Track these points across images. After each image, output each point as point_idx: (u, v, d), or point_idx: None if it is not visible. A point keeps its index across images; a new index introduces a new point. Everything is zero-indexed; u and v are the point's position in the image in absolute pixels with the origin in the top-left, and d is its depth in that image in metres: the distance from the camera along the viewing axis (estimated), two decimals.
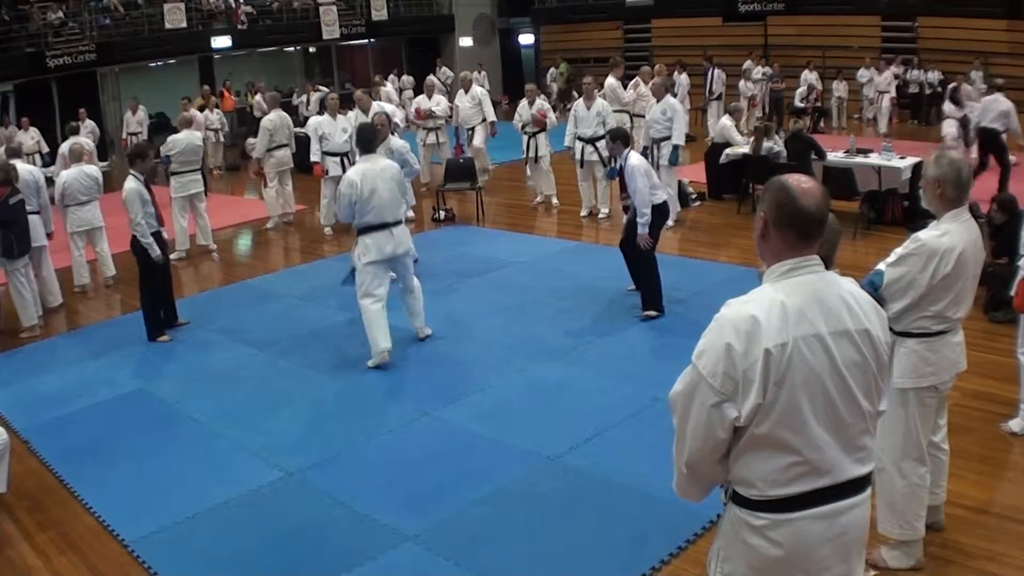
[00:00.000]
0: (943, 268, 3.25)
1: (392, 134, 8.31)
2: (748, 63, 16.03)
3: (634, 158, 6.80)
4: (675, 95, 11.17)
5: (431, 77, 12.86)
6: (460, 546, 3.97)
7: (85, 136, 14.11)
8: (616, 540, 3.94)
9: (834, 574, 2.14)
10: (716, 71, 15.54)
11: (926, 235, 3.32)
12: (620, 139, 6.94)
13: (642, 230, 6.65)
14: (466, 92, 11.92)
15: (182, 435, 5.29)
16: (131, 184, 6.69)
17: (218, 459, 4.95)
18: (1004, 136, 10.30)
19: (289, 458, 4.87)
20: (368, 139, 6.25)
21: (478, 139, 11.91)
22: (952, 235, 3.28)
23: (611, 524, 4.07)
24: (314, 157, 9.87)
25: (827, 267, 3.01)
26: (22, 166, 7.83)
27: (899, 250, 3.37)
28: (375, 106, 10.46)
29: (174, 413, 5.61)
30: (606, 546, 3.90)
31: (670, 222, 9.44)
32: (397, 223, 6.05)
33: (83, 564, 4.08)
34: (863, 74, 15.60)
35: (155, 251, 6.76)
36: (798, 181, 2.13)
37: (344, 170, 9.80)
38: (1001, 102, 10.14)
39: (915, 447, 3.47)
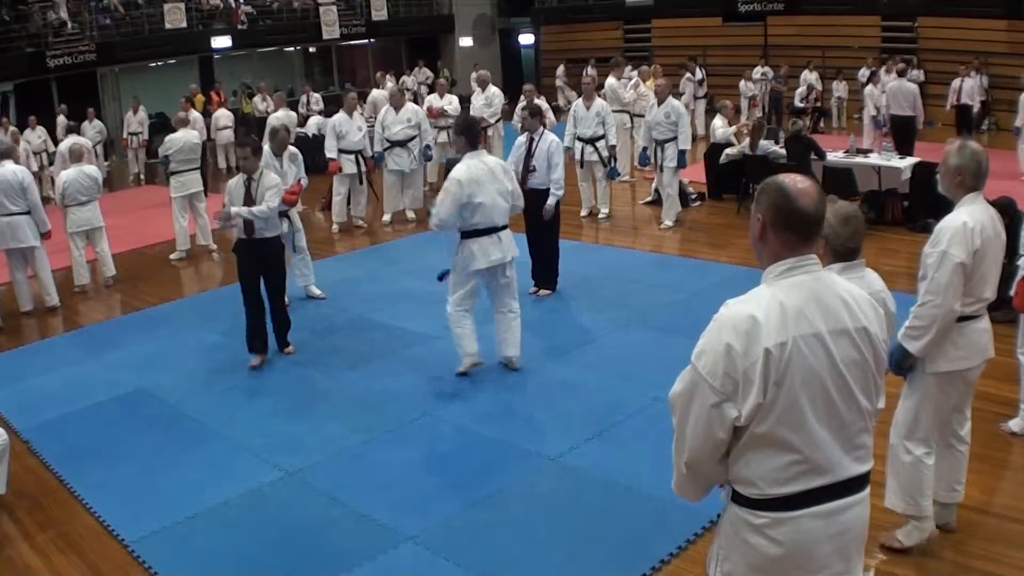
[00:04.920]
0: (975, 243, 3.35)
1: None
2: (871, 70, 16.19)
3: (551, 135, 7.27)
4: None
5: (440, 78, 12.84)
6: (460, 546, 3.97)
7: (93, 136, 14.08)
8: (616, 540, 3.94)
9: (833, 572, 2.14)
10: (698, 71, 15.75)
11: (950, 221, 3.39)
12: (537, 115, 7.35)
13: (552, 201, 7.08)
14: (483, 91, 11.92)
15: (182, 435, 5.29)
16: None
17: (218, 459, 4.95)
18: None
19: (289, 458, 4.87)
20: (471, 133, 5.68)
21: (497, 151, 11.97)
22: (973, 215, 3.39)
23: (611, 524, 4.07)
24: (330, 154, 9.86)
25: (857, 258, 3.07)
26: (9, 167, 7.66)
27: (938, 249, 3.36)
28: (409, 107, 10.50)
29: (174, 413, 5.60)
30: (606, 546, 3.90)
31: (669, 222, 9.50)
32: (505, 227, 5.66)
33: (83, 564, 4.08)
34: (864, 74, 15.59)
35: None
36: (794, 182, 2.12)
37: (359, 167, 9.89)
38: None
39: (921, 429, 3.57)
